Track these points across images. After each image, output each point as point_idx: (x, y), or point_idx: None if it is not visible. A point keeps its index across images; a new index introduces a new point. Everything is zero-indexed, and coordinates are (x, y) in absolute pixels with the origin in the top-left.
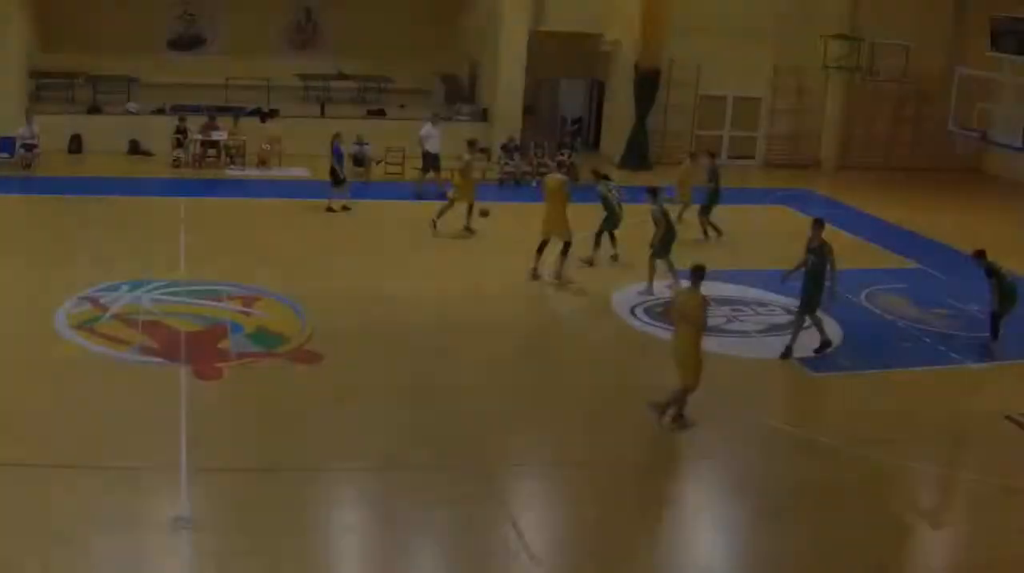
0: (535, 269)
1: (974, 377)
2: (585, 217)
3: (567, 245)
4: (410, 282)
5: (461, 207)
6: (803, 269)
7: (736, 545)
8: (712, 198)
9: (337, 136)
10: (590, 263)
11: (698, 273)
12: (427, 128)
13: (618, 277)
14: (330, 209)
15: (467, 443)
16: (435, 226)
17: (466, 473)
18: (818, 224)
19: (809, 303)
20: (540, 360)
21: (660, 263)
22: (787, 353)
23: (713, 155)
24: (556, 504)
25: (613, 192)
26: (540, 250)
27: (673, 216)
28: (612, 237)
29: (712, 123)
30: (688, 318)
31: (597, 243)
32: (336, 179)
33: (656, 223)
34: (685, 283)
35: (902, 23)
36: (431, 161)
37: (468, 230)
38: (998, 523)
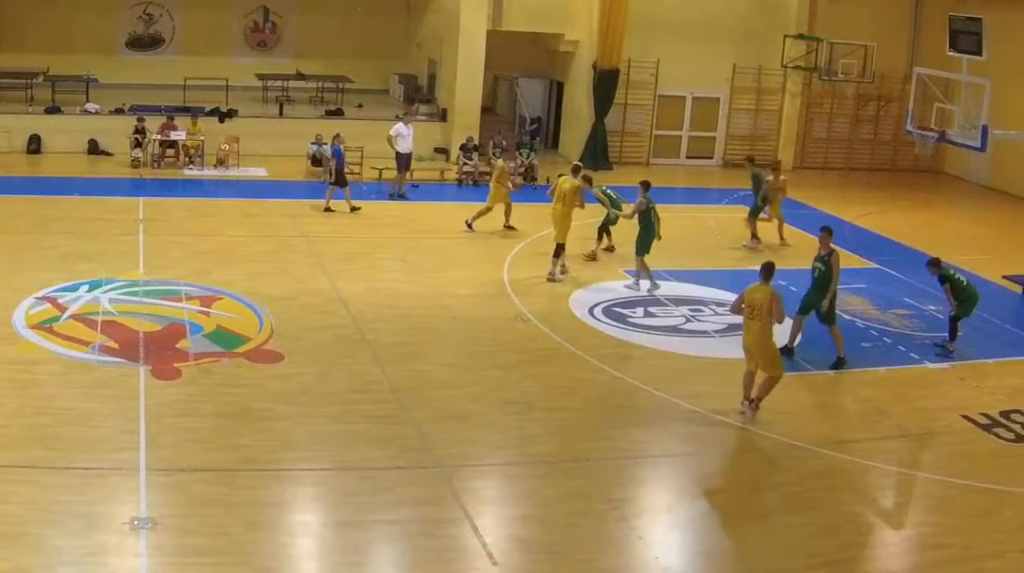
0: (564, 264)
1: (933, 377)
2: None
3: (560, 247)
4: (370, 282)
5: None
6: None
7: (694, 544)
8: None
9: (337, 137)
10: (593, 257)
11: (767, 269)
12: (398, 127)
13: (584, 277)
14: (328, 209)
15: (426, 443)
16: (471, 227)
17: (425, 473)
18: (826, 232)
19: (805, 309)
20: (500, 360)
21: (641, 258)
22: (787, 351)
23: (753, 160)
24: (515, 504)
25: (609, 192)
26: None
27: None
28: (608, 232)
29: (671, 123)
30: (761, 312)
31: (600, 237)
32: (339, 180)
33: (639, 218)
34: (645, 284)
35: (861, 23)
36: (404, 161)
37: (509, 227)
38: (957, 523)
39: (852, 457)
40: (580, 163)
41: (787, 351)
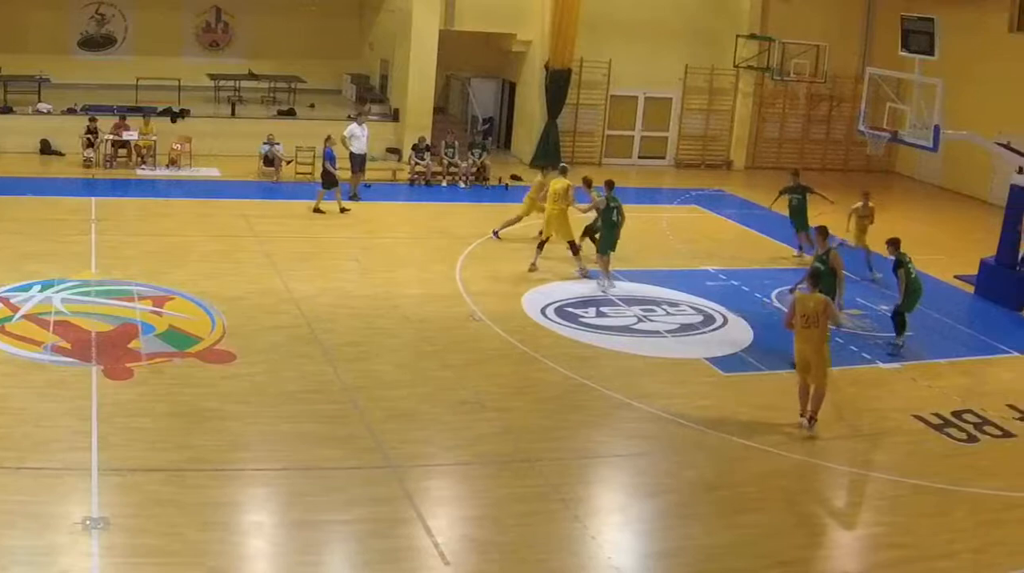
0: (534, 263)
1: (885, 377)
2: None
3: (572, 244)
4: (324, 282)
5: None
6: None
7: (647, 544)
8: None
9: (329, 139)
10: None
11: (814, 276)
12: (352, 128)
13: (537, 277)
14: (318, 210)
15: (378, 443)
16: (498, 236)
17: (377, 473)
18: (820, 232)
19: None
20: (452, 360)
21: (604, 257)
22: None
23: (798, 173)
24: (467, 504)
25: (600, 194)
26: (540, 247)
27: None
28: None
29: (623, 123)
30: (818, 320)
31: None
32: (329, 181)
33: (602, 216)
34: (604, 283)
35: (814, 24)
36: (358, 162)
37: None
38: (909, 523)
39: (805, 457)
40: (566, 165)
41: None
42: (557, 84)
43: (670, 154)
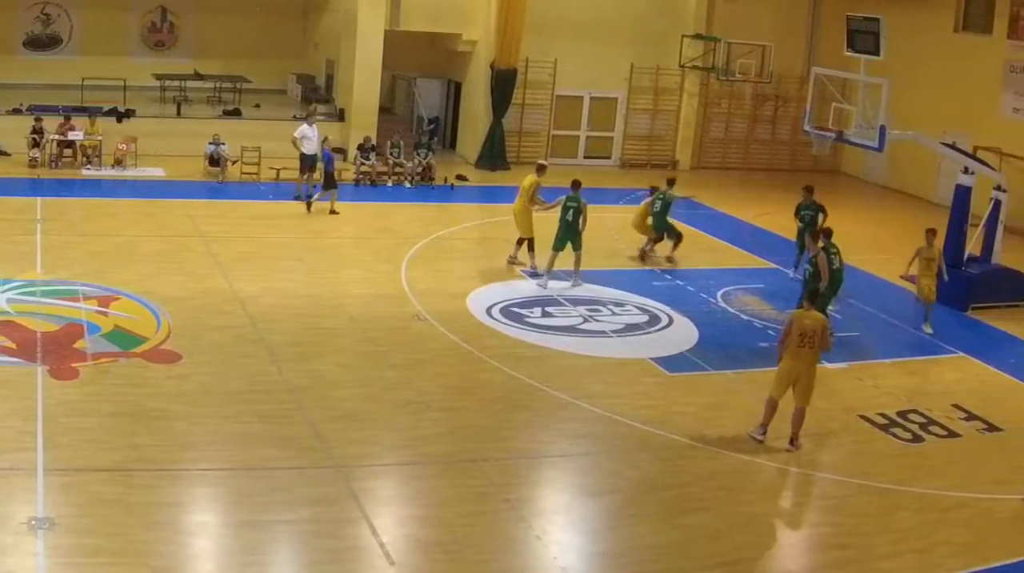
0: (513, 256)
1: (831, 377)
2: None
3: (527, 241)
4: (269, 282)
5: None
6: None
7: (592, 544)
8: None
9: (327, 140)
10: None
11: (813, 294)
12: (303, 129)
13: (482, 277)
14: (333, 211)
15: (323, 443)
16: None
17: (322, 473)
18: (811, 235)
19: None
20: (396, 359)
21: (552, 254)
22: None
23: (811, 190)
24: (412, 504)
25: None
26: (519, 243)
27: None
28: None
29: (569, 123)
30: (815, 340)
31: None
32: (330, 182)
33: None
34: (546, 280)
35: (759, 24)
36: (308, 162)
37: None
38: (854, 523)
39: (750, 457)
40: (544, 162)
41: None
42: (503, 84)
43: (616, 154)
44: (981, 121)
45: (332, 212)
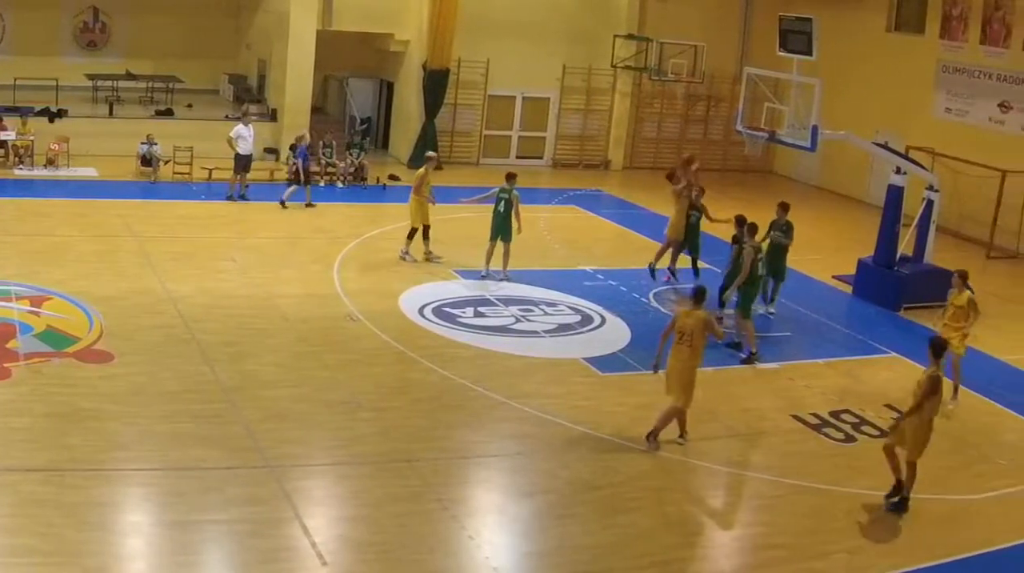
0: (406, 251)
1: (763, 377)
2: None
3: (415, 231)
4: (201, 282)
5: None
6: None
7: (524, 544)
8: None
9: (302, 138)
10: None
11: (699, 293)
12: (238, 129)
13: (415, 277)
14: (310, 204)
15: (256, 443)
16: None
17: (255, 473)
18: (745, 224)
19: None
20: (329, 360)
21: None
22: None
23: (787, 207)
24: (345, 504)
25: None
26: (410, 236)
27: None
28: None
29: (501, 123)
30: (692, 338)
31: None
32: (306, 178)
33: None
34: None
35: (691, 24)
36: (242, 162)
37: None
38: (786, 523)
39: (682, 457)
40: (432, 153)
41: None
42: (435, 84)
43: (548, 154)
44: (914, 121)
45: (309, 205)
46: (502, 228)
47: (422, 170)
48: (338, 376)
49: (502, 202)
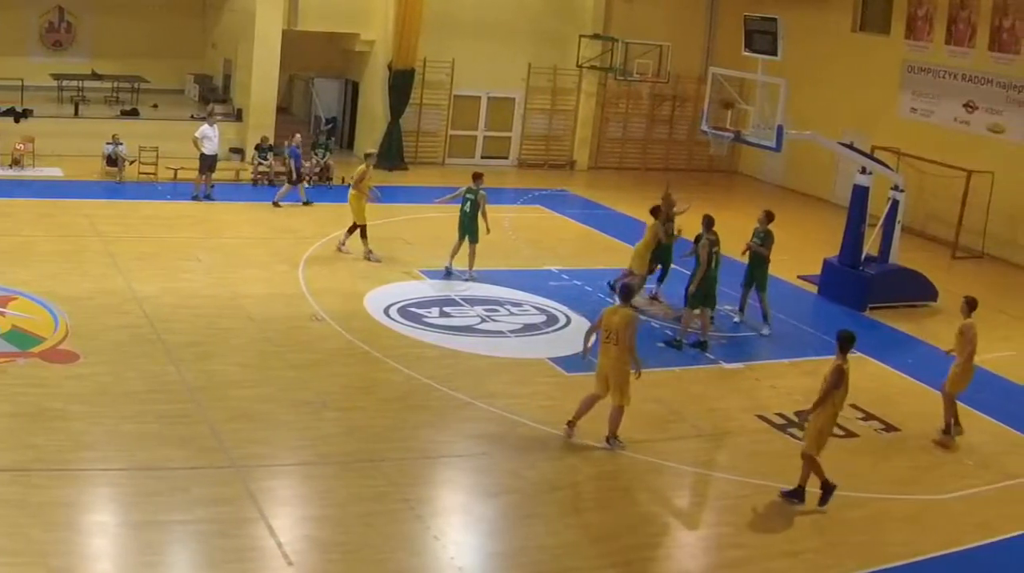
0: (343, 243)
1: (728, 377)
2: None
3: (356, 227)
4: (167, 282)
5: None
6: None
7: (489, 544)
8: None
9: (294, 138)
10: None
11: (626, 290)
12: (204, 129)
13: (380, 277)
14: (307, 202)
15: (221, 443)
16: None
17: (220, 473)
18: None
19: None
20: (294, 360)
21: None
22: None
23: (771, 216)
24: (310, 504)
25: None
26: (350, 231)
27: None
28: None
29: (466, 123)
30: (619, 336)
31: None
32: (298, 177)
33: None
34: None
35: (656, 24)
36: (208, 162)
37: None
38: (750, 523)
39: (647, 457)
40: (372, 151)
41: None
42: (400, 84)
43: (513, 154)
44: (879, 121)
45: (306, 203)
46: (469, 228)
47: (363, 167)
48: (304, 376)
49: (468, 202)
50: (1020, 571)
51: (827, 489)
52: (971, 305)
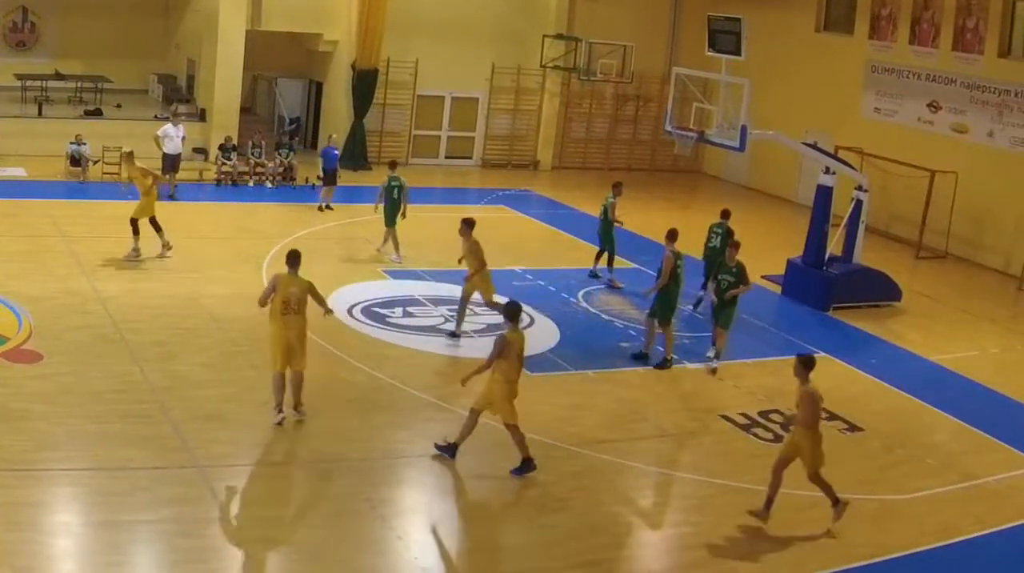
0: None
1: (692, 377)
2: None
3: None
4: (130, 282)
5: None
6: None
7: (453, 544)
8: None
9: (331, 139)
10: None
11: (293, 256)
12: (166, 128)
13: (343, 277)
14: (327, 207)
15: (185, 443)
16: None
17: (183, 473)
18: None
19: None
20: (257, 359)
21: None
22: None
23: (728, 214)
24: (273, 504)
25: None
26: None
27: None
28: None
29: (430, 123)
30: (302, 306)
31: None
32: (332, 180)
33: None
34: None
35: (620, 24)
36: (170, 162)
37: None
38: (716, 523)
39: (611, 457)
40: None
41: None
42: (364, 84)
43: (477, 154)
44: (843, 121)
45: (327, 207)
46: (393, 214)
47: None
48: (267, 376)
49: (395, 190)
50: (982, 571)
51: (837, 503)
52: (807, 366)
